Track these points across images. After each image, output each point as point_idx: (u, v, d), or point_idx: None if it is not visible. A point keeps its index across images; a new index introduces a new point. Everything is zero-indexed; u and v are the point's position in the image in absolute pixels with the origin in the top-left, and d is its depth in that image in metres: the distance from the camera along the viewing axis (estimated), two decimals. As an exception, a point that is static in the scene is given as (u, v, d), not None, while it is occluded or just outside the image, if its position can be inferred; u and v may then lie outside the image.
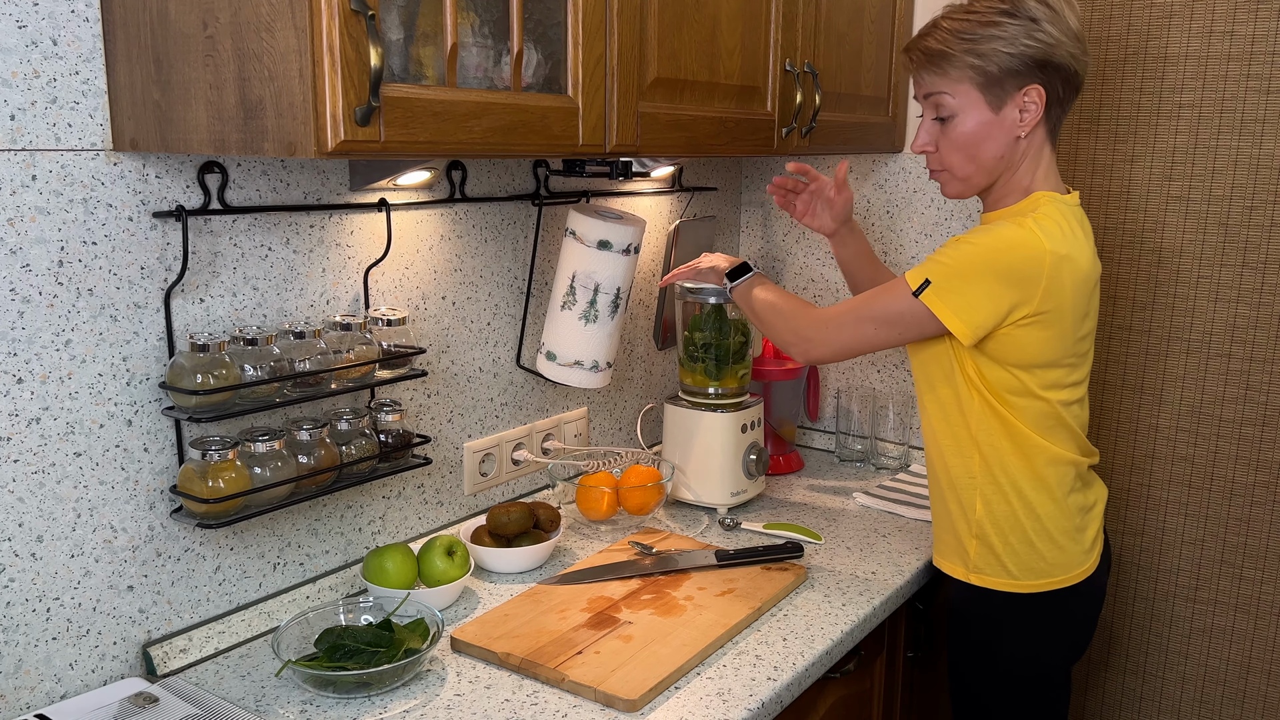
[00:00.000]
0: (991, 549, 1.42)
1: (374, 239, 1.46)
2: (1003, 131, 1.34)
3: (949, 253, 1.32)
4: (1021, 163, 1.37)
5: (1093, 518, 1.45)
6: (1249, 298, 1.82)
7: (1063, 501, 1.40)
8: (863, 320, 1.40)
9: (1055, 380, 1.36)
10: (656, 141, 1.37)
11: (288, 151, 0.97)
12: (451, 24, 1.07)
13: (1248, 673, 1.92)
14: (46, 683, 1.16)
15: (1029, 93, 1.32)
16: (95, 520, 1.18)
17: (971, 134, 1.35)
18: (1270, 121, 1.75)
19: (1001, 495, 1.40)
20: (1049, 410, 1.36)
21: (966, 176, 1.39)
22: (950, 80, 1.34)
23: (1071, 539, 1.41)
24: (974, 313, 1.30)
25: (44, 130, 1.09)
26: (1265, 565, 1.87)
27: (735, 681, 1.26)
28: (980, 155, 1.37)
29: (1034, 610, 1.42)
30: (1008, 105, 1.33)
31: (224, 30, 1.00)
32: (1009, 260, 1.28)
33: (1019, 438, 1.37)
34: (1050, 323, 1.31)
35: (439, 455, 1.62)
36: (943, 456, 1.45)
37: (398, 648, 1.23)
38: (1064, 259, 1.29)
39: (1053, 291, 1.29)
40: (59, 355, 1.13)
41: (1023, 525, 1.40)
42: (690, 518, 1.81)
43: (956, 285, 1.30)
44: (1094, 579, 1.44)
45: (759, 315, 1.56)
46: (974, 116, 1.34)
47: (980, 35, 1.31)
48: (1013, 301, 1.29)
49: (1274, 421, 1.83)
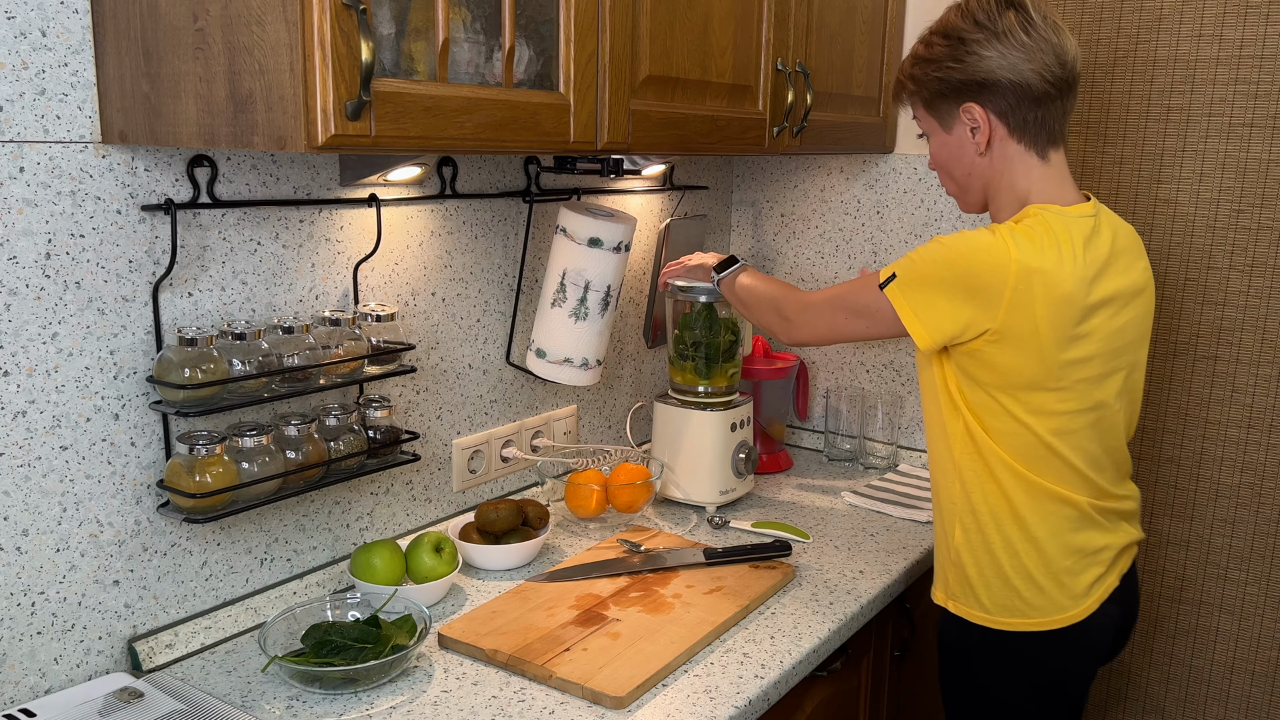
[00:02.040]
0: (967, 579, 1.36)
1: (364, 234, 1.46)
2: (961, 149, 1.37)
3: (921, 250, 1.30)
4: (1001, 176, 1.34)
5: (1097, 562, 1.33)
6: (1235, 300, 1.83)
7: (1047, 540, 1.30)
8: (837, 309, 1.40)
9: (1042, 406, 1.27)
10: (648, 139, 1.37)
11: (278, 145, 0.96)
12: (443, 19, 1.07)
13: (1232, 673, 1.93)
14: (31, 677, 1.15)
15: (968, 110, 1.32)
16: (81, 514, 1.18)
17: (938, 154, 1.41)
18: (1258, 125, 1.77)
19: (978, 525, 1.33)
20: (1034, 440, 1.28)
21: (955, 192, 1.43)
22: (911, 106, 1.42)
23: (1055, 581, 1.31)
24: (933, 315, 1.27)
25: (32, 122, 1.08)
26: (1250, 567, 1.88)
27: (723, 679, 1.26)
28: (953, 172, 1.40)
29: (1007, 649, 1.35)
30: (956, 125, 1.35)
31: (214, 23, 0.99)
32: (970, 265, 1.24)
33: (998, 466, 1.30)
34: (1021, 343, 1.23)
35: (428, 452, 1.62)
36: (934, 477, 1.40)
37: (385, 644, 1.23)
38: (1034, 271, 1.21)
39: (1020, 305, 1.22)
40: (46, 348, 1.12)
41: (998, 559, 1.32)
42: (679, 516, 1.81)
43: (918, 285, 1.28)
44: (1087, 627, 1.32)
45: (743, 300, 1.58)
46: (936, 138, 1.40)
47: (921, 58, 1.36)
48: (971, 314, 1.24)
49: (1259, 424, 1.84)
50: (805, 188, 2.20)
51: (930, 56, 1.34)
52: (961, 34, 1.31)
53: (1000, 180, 1.35)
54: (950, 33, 1.32)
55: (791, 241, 2.24)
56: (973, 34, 1.30)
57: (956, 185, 1.42)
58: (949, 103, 1.34)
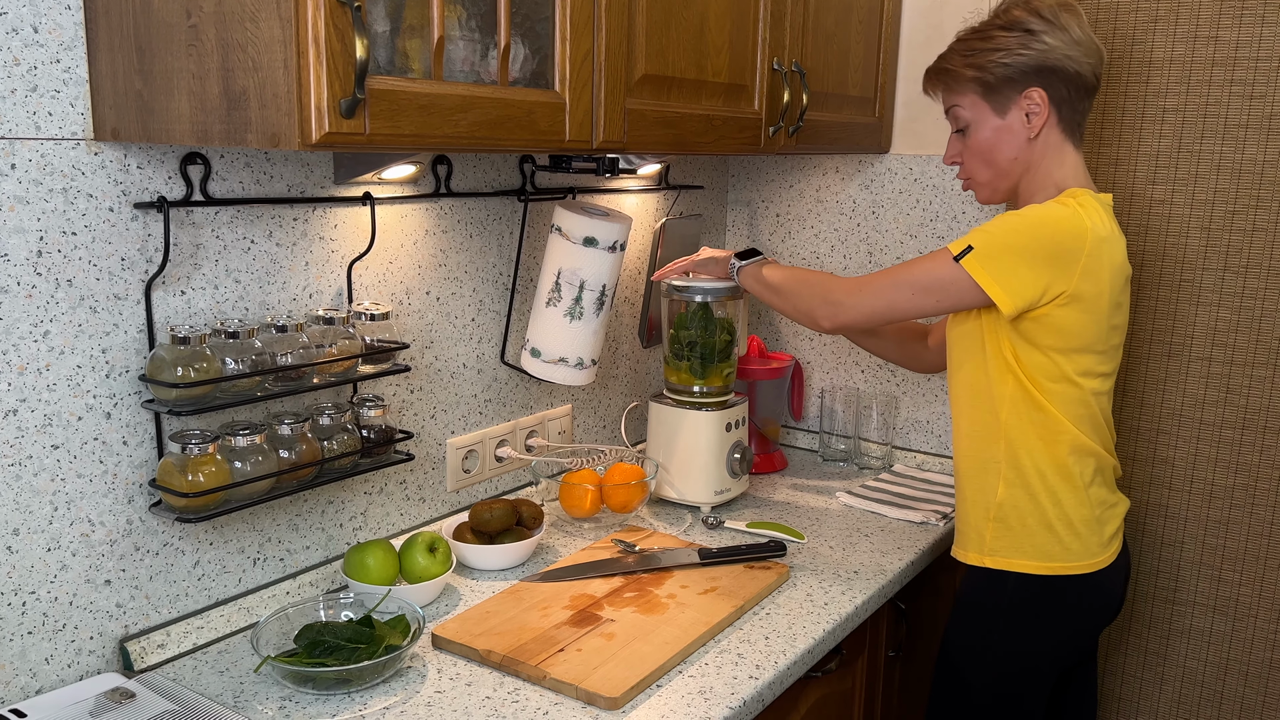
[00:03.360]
0: (1010, 531, 1.44)
1: (358, 233, 1.45)
2: (1013, 135, 1.43)
3: (995, 223, 1.37)
4: (1040, 163, 1.44)
5: (1113, 515, 1.48)
6: (1230, 301, 1.83)
7: (1084, 491, 1.42)
8: (900, 285, 1.42)
9: (1089, 367, 1.39)
10: (643, 138, 1.37)
11: (271, 143, 0.96)
12: (438, 17, 1.06)
13: (1225, 674, 1.93)
14: (22, 677, 1.15)
15: (1030, 95, 1.40)
16: (73, 514, 1.17)
17: (986, 140, 1.45)
18: (1253, 126, 1.77)
19: (1023, 480, 1.42)
20: (1082, 398, 1.39)
21: (988, 181, 1.48)
22: (957, 93, 1.46)
23: (1090, 528, 1.43)
24: (1015, 281, 1.33)
25: (24, 118, 1.07)
26: (1243, 567, 1.88)
27: (717, 680, 1.26)
28: (996, 159, 1.46)
29: (1043, 594, 1.44)
30: (1012, 110, 1.43)
31: (208, 20, 0.99)
32: (1052, 233, 1.33)
33: (1050, 423, 1.39)
34: (1087, 305, 1.34)
35: (422, 451, 1.61)
36: (968, 441, 1.48)
37: (378, 644, 1.22)
38: (1104, 240, 1.34)
39: (1091, 271, 1.33)
40: (37, 346, 1.12)
41: (1044, 509, 1.42)
42: (674, 516, 1.81)
43: (999, 253, 1.34)
44: (1109, 575, 1.46)
45: (778, 288, 1.58)
46: (985, 124, 1.45)
47: (979, 49, 1.43)
48: (1051, 277, 1.32)
49: (1253, 425, 1.84)
50: (801, 187, 2.20)
51: (996, 45, 1.41)
52: (1028, 25, 1.40)
53: (1040, 166, 1.44)
54: (1014, 24, 1.41)
55: (787, 241, 2.24)
56: (1039, 25, 1.40)
57: (992, 173, 1.47)
58: (1013, 87, 1.41)
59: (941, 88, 1.49)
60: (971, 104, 1.45)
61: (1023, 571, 1.44)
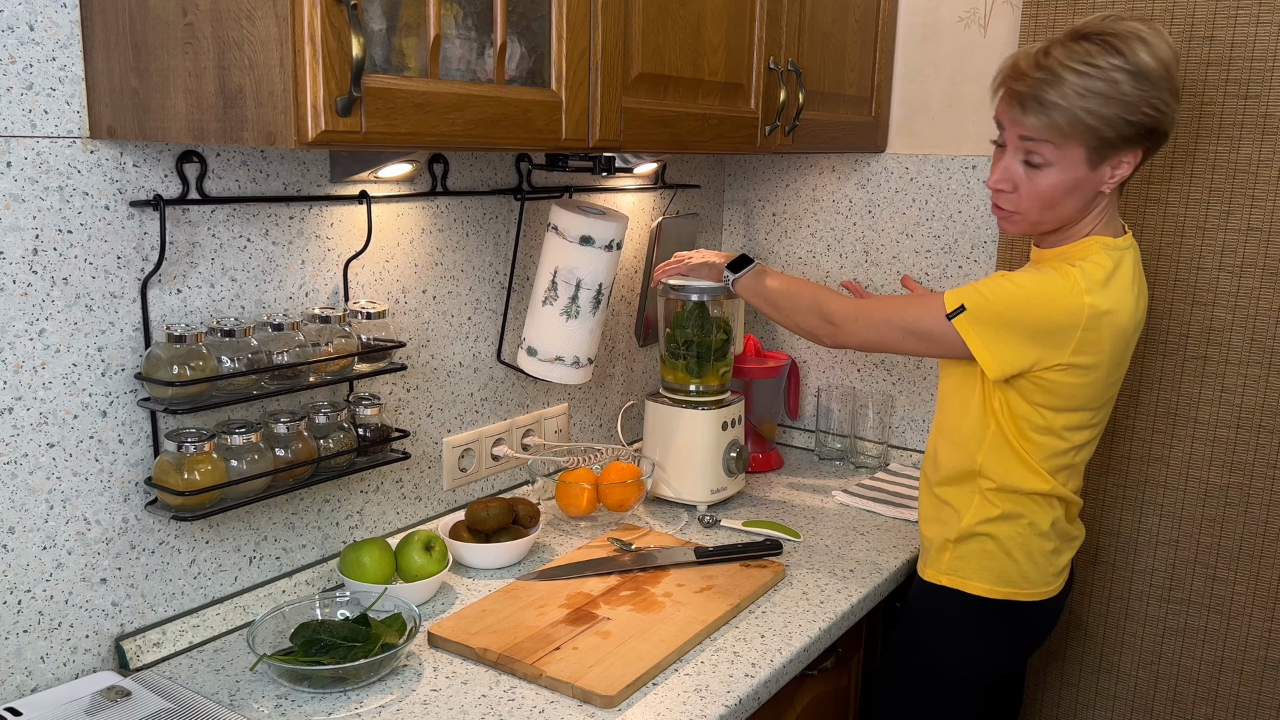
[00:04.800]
0: (970, 556, 1.45)
1: (354, 231, 1.45)
2: (1090, 187, 1.31)
3: (991, 286, 1.32)
4: (1092, 211, 1.35)
5: (1070, 547, 1.49)
6: (1225, 301, 1.83)
7: (1049, 528, 1.43)
8: (893, 325, 1.41)
9: (1080, 423, 1.38)
10: (640, 137, 1.37)
11: (267, 141, 0.96)
12: (434, 15, 1.06)
13: (1220, 672, 1.93)
14: (17, 676, 1.14)
15: (1132, 156, 1.29)
16: (68, 512, 1.17)
17: (1059, 186, 1.30)
18: (1249, 126, 1.77)
19: (990, 513, 1.43)
20: (1065, 449, 1.39)
21: (1037, 221, 1.35)
22: (1059, 134, 1.27)
23: (1048, 560, 1.44)
24: (1004, 350, 1.32)
25: (19, 116, 1.07)
26: (1238, 566, 1.89)
27: (713, 678, 1.26)
28: (1061, 206, 1.32)
29: (993, 616, 1.45)
30: (1106, 165, 1.29)
31: (204, 17, 0.99)
32: (1046, 312, 1.29)
33: (1025, 471, 1.40)
34: (1083, 373, 1.32)
35: (418, 450, 1.61)
36: (939, 468, 1.48)
37: (374, 642, 1.22)
38: (1104, 314, 1.29)
39: (1089, 344, 1.30)
40: (32, 345, 1.11)
41: (1005, 541, 1.43)
42: (670, 514, 1.81)
43: (989, 322, 1.32)
44: (1054, 603, 1.48)
45: (775, 303, 1.56)
46: (1070, 172, 1.29)
47: (1105, 97, 1.23)
48: (1041, 353, 1.30)
49: (1248, 424, 1.84)
50: (797, 187, 2.20)
51: (1121, 98, 1.24)
52: (1154, 77, 1.24)
53: (1089, 213, 1.35)
54: (1141, 73, 1.24)
55: (783, 240, 2.24)
56: (1165, 81, 1.25)
57: (1043, 211, 1.33)
58: (1122, 146, 1.27)
59: (1041, 118, 1.26)
60: (1063, 145, 1.27)
61: (976, 594, 1.45)
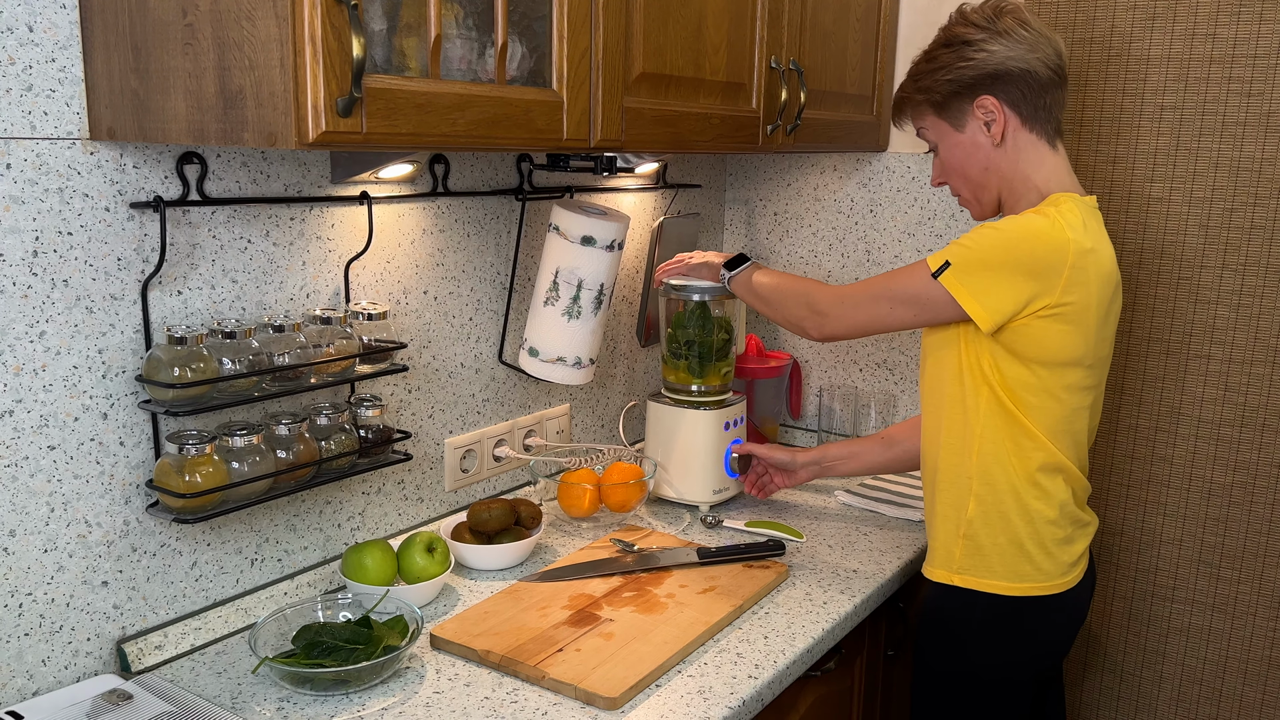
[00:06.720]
0: (981, 549, 1.41)
1: (355, 232, 1.45)
2: (977, 146, 1.42)
3: (972, 237, 1.34)
4: (1015, 168, 1.41)
5: (1084, 534, 1.45)
6: (1228, 299, 1.83)
7: (1057, 510, 1.39)
8: (879, 298, 1.41)
9: (1075, 382, 1.36)
10: (641, 137, 1.37)
11: (268, 142, 0.96)
12: (435, 15, 1.06)
13: (1224, 672, 1.93)
14: (18, 679, 1.14)
15: (982, 104, 1.39)
16: (69, 515, 1.16)
17: (952, 157, 1.45)
18: (1251, 124, 1.77)
19: (995, 497, 1.39)
20: (1065, 413, 1.37)
21: (971, 196, 1.47)
22: (917, 118, 1.48)
23: (1060, 548, 1.41)
24: (993, 298, 1.31)
25: (19, 118, 1.07)
26: (1242, 565, 1.88)
27: (716, 679, 1.25)
28: (969, 173, 1.44)
29: (1014, 614, 1.41)
30: (969, 122, 1.41)
31: (204, 18, 0.98)
32: (1031, 248, 1.30)
33: (1024, 438, 1.37)
34: (1072, 317, 1.32)
35: (419, 451, 1.61)
36: (938, 454, 1.45)
37: (376, 645, 1.22)
38: (1089, 252, 1.31)
39: (1076, 283, 1.30)
40: (33, 347, 1.11)
41: (1015, 527, 1.39)
42: (672, 515, 1.81)
43: (976, 269, 1.32)
44: (1075, 594, 1.44)
45: (765, 298, 1.57)
46: (948, 141, 1.44)
47: (925, 71, 1.44)
48: (1033, 291, 1.30)
49: (1251, 423, 1.84)
50: (799, 186, 2.20)
51: (937, 65, 1.41)
52: (965, 37, 1.40)
53: (1016, 171, 1.41)
54: (953, 40, 1.41)
55: (785, 240, 2.24)
56: (976, 35, 1.39)
57: (972, 187, 1.45)
58: (963, 100, 1.40)
59: (904, 117, 1.50)
60: (932, 124, 1.45)
61: (993, 592, 1.41)
